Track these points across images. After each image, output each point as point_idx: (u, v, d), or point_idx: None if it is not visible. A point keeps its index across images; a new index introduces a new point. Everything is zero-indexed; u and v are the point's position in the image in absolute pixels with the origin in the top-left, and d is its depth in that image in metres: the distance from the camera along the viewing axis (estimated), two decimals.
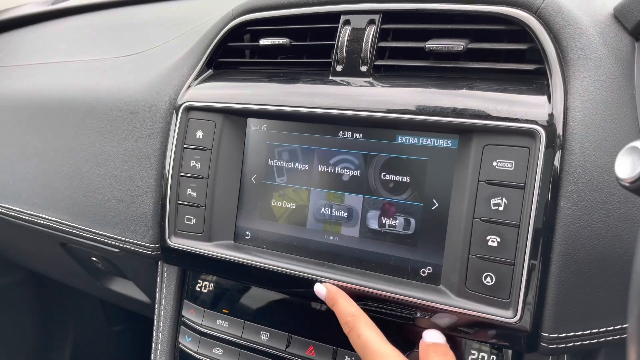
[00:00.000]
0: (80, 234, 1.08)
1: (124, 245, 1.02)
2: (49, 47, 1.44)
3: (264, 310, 0.92)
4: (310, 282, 0.81)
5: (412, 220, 0.77)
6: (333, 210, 0.83)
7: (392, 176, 0.79)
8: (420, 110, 0.75)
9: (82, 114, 1.09)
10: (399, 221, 0.78)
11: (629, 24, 0.75)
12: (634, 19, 0.74)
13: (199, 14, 1.21)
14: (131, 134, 1.01)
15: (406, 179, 0.78)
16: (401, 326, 0.78)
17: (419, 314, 0.74)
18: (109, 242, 1.04)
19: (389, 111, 0.77)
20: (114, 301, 1.55)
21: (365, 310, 0.78)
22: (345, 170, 0.82)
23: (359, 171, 0.81)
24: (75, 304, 2.02)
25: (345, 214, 0.82)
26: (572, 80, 0.69)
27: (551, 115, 0.67)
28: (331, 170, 0.83)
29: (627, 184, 0.48)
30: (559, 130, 0.67)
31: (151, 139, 0.98)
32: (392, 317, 0.77)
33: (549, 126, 0.67)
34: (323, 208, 0.84)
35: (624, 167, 0.48)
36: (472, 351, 0.76)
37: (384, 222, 0.79)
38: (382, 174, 0.79)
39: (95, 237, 1.06)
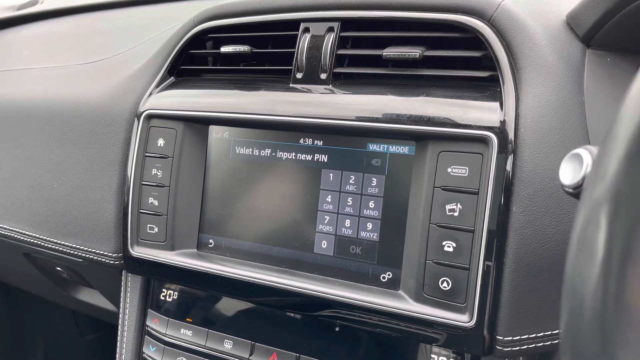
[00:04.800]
0: (43, 244, 1.07)
1: (87, 255, 1.01)
2: (11, 54, 1.41)
3: (227, 319, 0.92)
4: (272, 290, 0.81)
5: (372, 227, 0.78)
6: (295, 216, 0.83)
7: (352, 183, 0.79)
8: (377, 118, 0.76)
9: (42, 122, 1.07)
10: (359, 227, 0.79)
11: (581, 31, 0.77)
12: (586, 26, 0.76)
13: (163, 21, 1.20)
14: (92, 142, 1.00)
15: (365, 186, 0.78)
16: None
17: (378, 319, 0.75)
18: (72, 252, 1.03)
19: (347, 118, 0.78)
20: (82, 310, 1.53)
21: (327, 317, 0.79)
22: (306, 177, 0.82)
23: (319, 179, 0.81)
24: (46, 313, 1.98)
25: (307, 219, 0.82)
26: (524, 87, 0.71)
27: (503, 122, 0.69)
28: (292, 178, 0.83)
29: (570, 190, 0.49)
30: (511, 136, 0.68)
31: (112, 147, 0.97)
32: (352, 322, 0.77)
33: (501, 132, 0.68)
34: (285, 214, 0.84)
35: (567, 174, 0.49)
36: (432, 355, 0.77)
37: (345, 229, 0.80)
38: (342, 180, 0.80)
39: (57, 247, 1.05)
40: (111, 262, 0.98)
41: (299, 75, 0.86)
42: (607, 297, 0.34)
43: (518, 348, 0.68)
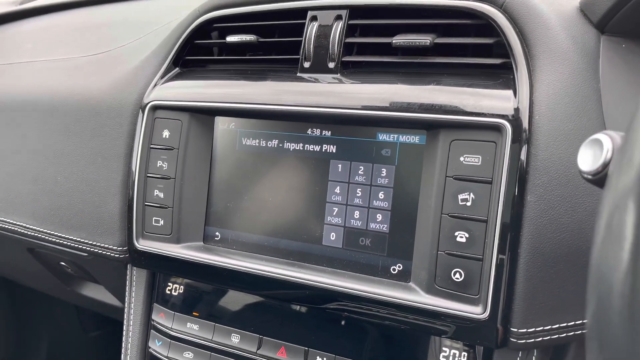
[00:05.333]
0: (47, 238, 1.06)
1: (92, 249, 1.00)
2: (15, 48, 1.40)
3: (234, 312, 0.90)
4: (280, 283, 0.80)
5: (382, 218, 0.76)
6: (303, 208, 0.82)
7: (361, 174, 0.78)
8: (387, 106, 0.74)
9: (45, 115, 1.06)
10: (369, 219, 0.77)
11: (595, 17, 0.75)
12: (600, 12, 0.74)
13: (167, 12, 1.19)
14: (96, 134, 0.98)
15: (375, 176, 0.77)
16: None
17: (389, 312, 0.73)
18: (76, 245, 1.02)
19: (356, 107, 0.76)
20: (87, 306, 1.52)
21: (336, 309, 0.77)
22: (314, 168, 0.81)
23: (327, 170, 0.80)
24: (49, 310, 1.98)
25: (316, 211, 0.81)
26: (538, 74, 0.69)
27: (517, 110, 0.67)
28: (300, 169, 0.82)
29: (589, 177, 0.48)
30: (525, 124, 0.67)
31: (117, 139, 0.96)
32: (362, 315, 0.76)
33: (515, 120, 0.67)
34: (293, 206, 0.82)
35: (586, 160, 0.48)
36: (444, 348, 0.76)
37: (354, 220, 0.78)
38: (351, 171, 0.78)
39: (62, 242, 1.04)
40: (116, 255, 0.96)
41: (307, 65, 0.84)
42: (636, 284, 0.33)
43: (533, 340, 0.67)
